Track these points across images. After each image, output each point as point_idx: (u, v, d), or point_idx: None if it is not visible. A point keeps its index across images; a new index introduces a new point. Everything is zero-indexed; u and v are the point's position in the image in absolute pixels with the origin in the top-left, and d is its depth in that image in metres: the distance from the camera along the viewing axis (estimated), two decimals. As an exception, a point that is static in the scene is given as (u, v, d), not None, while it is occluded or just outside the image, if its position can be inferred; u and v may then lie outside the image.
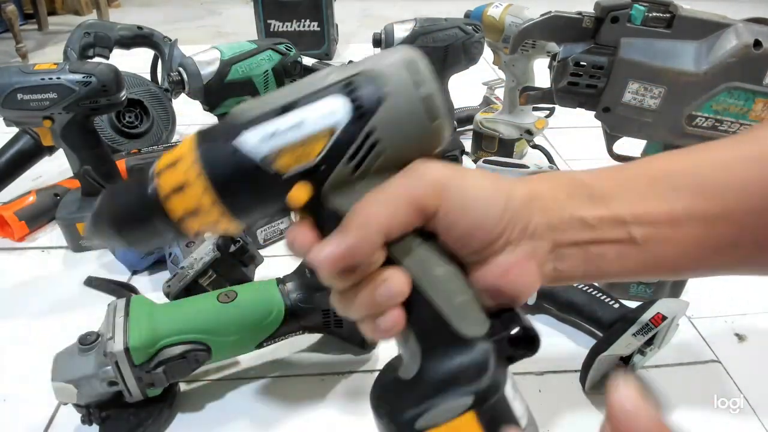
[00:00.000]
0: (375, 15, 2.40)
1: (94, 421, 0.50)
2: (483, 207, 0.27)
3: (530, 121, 0.98)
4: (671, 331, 0.59)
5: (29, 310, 0.69)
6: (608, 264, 0.30)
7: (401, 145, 0.26)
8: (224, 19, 2.37)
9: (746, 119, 0.54)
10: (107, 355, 0.47)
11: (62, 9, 2.52)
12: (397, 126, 0.25)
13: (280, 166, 0.25)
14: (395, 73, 0.25)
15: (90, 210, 0.30)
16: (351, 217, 0.26)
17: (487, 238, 0.27)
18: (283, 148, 0.25)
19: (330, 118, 0.25)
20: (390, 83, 0.25)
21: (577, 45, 0.55)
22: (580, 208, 0.29)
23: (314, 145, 0.25)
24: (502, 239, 0.28)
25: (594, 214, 0.29)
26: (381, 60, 0.26)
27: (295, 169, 0.25)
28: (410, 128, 0.26)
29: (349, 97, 0.25)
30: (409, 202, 0.26)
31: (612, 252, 0.29)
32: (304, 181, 0.26)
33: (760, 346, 0.64)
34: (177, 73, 0.71)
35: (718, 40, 0.52)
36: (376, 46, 0.83)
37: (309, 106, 0.25)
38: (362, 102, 0.25)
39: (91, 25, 1.08)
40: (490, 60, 0.99)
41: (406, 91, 0.25)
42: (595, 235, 0.29)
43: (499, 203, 0.27)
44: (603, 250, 0.29)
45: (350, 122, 0.25)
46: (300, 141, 0.25)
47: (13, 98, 0.69)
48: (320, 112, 0.25)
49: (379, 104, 0.25)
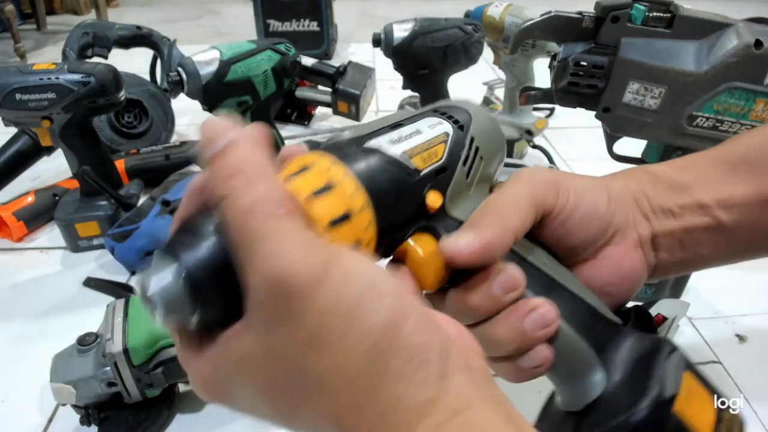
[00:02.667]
0: (374, 15, 2.40)
1: (92, 422, 0.50)
2: (593, 196, 0.29)
3: (530, 121, 0.98)
4: (672, 332, 0.59)
5: (28, 311, 0.69)
6: (704, 250, 0.31)
7: (490, 153, 0.30)
8: (223, 19, 2.37)
9: (747, 119, 0.54)
10: (106, 356, 0.47)
11: (61, 9, 2.51)
12: (487, 136, 0.29)
13: (416, 163, 0.26)
14: (467, 103, 0.31)
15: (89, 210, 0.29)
16: (483, 214, 0.26)
17: (601, 226, 0.28)
18: (413, 149, 0.26)
19: (440, 128, 0.28)
20: (470, 108, 0.30)
21: (578, 45, 0.55)
22: (664, 198, 0.30)
23: (437, 147, 0.27)
24: (612, 227, 0.29)
25: (677, 202, 0.30)
26: (445, 101, 0.31)
27: (429, 168, 0.26)
28: (494, 139, 0.30)
29: (445, 116, 0.29)
30: (533, 201, 0.27)
31: (705, 239, 0.30)
32: (433, 188, 0.27)
33: (761, 347, 0.63)
34: (176, 73, 0.71)
35: (719, 39, 0.51)
36: (375, 46, 0.83)
37: (415, 122, 0.28)
38: (458, 119, 0.29)
39: (90, 24, 1.08)
40: (490, 60, 0.99)
41: (483, 113, 0.30)
42: (683, 223, 0.30)
43: (605, 192, 0.29)
44: (695, 237, 0.30)
45: (455, 131, 0.28)
46: (425, 143, 0.27)
47: (11, 98, 0.68)
48: (430, 124, 0.28)
49: (470, 120, 0.29)
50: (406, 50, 0.80)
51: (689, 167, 0.32)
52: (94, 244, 0.79)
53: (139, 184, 0.87)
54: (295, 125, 1.23)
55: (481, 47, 0.84)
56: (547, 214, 0.28)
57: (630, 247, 0.29)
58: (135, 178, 0.91)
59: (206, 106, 0.74)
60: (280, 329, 0.18)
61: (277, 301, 0.18)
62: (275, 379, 0.19)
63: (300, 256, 0.18)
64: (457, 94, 0.91)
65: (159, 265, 0.19)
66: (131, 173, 0.93)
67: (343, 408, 0.18)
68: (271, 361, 0.19)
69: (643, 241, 0.30)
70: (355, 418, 0.18)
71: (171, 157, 0.96)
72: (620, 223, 0.29)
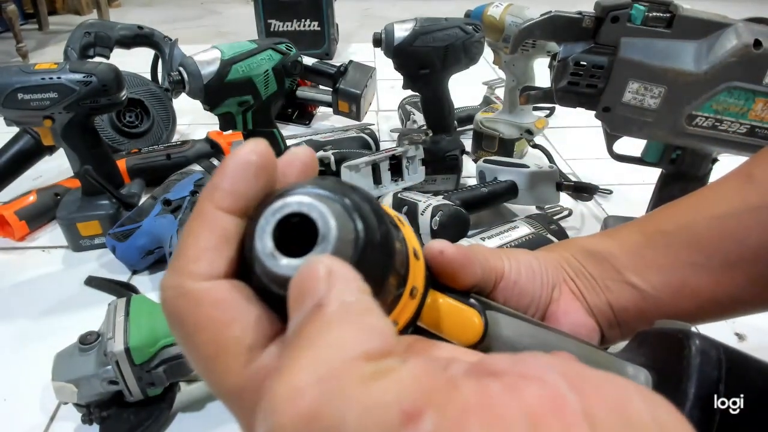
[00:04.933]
0: (375, 15, 2.40)
1: (94, 421, 0.50)
2: (526, 258, 0.33)
3: (530, 120, 0.98)
4: (671, 331, 0.59)
5: (30, 310, 0.69)
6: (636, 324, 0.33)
7: None
8: (224, 19, 2.37)
9: (746, 119, 0.54)
10: (108, 355, 0.47)
11: (62, 9, 2.52)
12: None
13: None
14: None
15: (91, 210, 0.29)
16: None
17: (541, 280, 0.32)
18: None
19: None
20: None
21: (578, 45, 0.55)
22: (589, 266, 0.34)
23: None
24: (549, 281, 0.32)
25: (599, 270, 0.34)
26: None
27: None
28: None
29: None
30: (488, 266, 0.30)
31: (633, 314, 0.33)
32: None
33: (760, 346, 0.63)
34: (177, 72, 0.71)
35: (718, 39, 0.52)
36: (376, 46, 0.83)
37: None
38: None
39: (92, 24, 1.08)
40: (491, 60, 0.99)
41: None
42: (610, 298, 0.33)
43: (533, 255, 0.33)
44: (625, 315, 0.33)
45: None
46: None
47: (13, 98, 0.69)
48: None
49: None
50: (407, 50, 0.81)
51: (609, 235, 0.36)
52: (95, 243, 0.79)
53: (140, 183, 0.87)
54: (296, 125, 1.23)
55: (482, 47, 0.84)
56: (499, 278, 0.30)
57: (569, 299, 0.33)
58: (136, 177, 0.91)
59: (207, 106, 0.74)
60: None
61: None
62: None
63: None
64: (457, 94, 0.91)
65: None
66: (132, 173, 0.93)
67: None
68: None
69: (577, 296, 0.33)
70: None
71: (172, 157, 0.96)
72: (554, 277, 0.33)
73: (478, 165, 0.88)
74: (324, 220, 0.15)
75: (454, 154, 0.89)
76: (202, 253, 0.16)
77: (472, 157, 1.03)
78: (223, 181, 0.17)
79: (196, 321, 0.16)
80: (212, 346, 0.16)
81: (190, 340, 0.16)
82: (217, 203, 0.17)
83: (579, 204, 0.90)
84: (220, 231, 0.17)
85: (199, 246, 0.16)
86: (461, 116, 1.11)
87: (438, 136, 0.90)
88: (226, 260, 0.17)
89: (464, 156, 0.93)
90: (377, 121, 1.24)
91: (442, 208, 0.72)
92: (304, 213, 0.15)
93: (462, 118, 1.12)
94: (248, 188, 0.17)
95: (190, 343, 0.16)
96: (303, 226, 0.15)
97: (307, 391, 0.12)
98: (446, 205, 0.73)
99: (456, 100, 0.91)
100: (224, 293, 0.16)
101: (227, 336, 0.16)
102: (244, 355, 0.16)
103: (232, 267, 0.17)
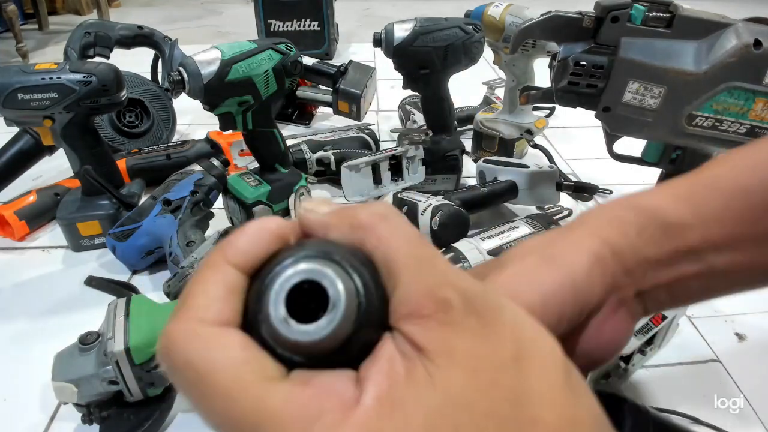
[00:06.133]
0: (375, 15, 2.40)
1: (94, 421, 0.50)
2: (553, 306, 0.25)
3: (530, 120, 0.98)
4: (671, 331, 0.59)
5: (30, 310, 0.69)
6: (695, 294, 0.28)
7: None
8: (224, 19, 2.37)
9: (746, 119, 0.54)
10: (108, 355, 0.47)
11: (63, 9, 2.52)
12: None
13: None
14: None
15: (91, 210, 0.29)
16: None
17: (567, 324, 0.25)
18: None
19: None
20: None
21: (578, 45, 0.55)
22: (654, 247, 0.27)
23: None
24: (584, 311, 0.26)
25: (668, 249, 0.27)
26: None
27: None
28: None
29: None
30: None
31: (695, 283, 0.28)
32: None
33: (760, 346, 0.64)
34: (177, 72, 0.71)
35: (718, 39, 0.52)
36: (376, 46, 0.83)
37: None
38: None
39: (92, 24, 1.09)
40: (491, 60, 0.99)
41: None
42: (675, 274, 0.27)
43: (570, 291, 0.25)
44: (686, 282, 0.28)
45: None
46: None
47: (13, 98, 0.69)
48: None
49: None
50: (407, 50, 0.81)
51: (688, 196, 0.28)
52: (95, 243, 0.79)
53: (140, 183, 0.88)
54: (296, 125, 1.23)
55: (482, 47, 0.84)
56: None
57: (608, 314, 0.27)
58: (136, 177, 0.92)
59: (207, 106, 0.74)
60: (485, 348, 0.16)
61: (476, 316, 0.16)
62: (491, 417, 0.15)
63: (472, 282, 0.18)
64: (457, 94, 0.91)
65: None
66: (132, 173, 0.93)
67: None
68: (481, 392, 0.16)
69: (627, 301, 0.28)
70: None
71: (172, 157, 0.96)
72: (593, 303, 0.26)
73: (478, 165, 0.88)
74: (334, 287, 0.16)
75: (454, 154, 0.89)
76: (214, 302, 0.17)
77: (472, 157, 1.03)
78: (239, 240, 0.18)
79: (213, 361, 0.16)
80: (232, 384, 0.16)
81: (203, 384, 0.16)
82: (229, 258, 0.18)
83: (579, 204, 0.90)
84: (228, 284, 0.17)
85: (209, 295, 0.17)
86: (461, 116, 1.11)
87: (438, 136, 0.90)
88: (234, 312, 0.17)
89: (464, 156, 0.93)
90: (377, 121, 1.24)
91: (442, 208, 0.72)
92: (315, 280, 0.16)
93: (462, 118, 1.12)
94: (261, 251, 0.18)
95: (202, 387, 0.16)
96: (309, 289, 0.16)
97: None
98: (446, 205, 0.73)
99: (456, 100, 0.91)
100: (239, 337, 0.17)
101: (248, 371, 0.16)
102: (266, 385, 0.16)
103: (238, 320, 0.17)
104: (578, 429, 0.17)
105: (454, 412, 0.15)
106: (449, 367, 0.15)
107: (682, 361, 0.61)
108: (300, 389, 0.15)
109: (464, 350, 0.16)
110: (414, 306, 0.16)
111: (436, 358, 0.15)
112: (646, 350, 0.56)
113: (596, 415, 0.18)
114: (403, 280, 0.17)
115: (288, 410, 0.15)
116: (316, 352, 0.16)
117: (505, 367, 0.16)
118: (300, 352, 0.16)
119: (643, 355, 0.57)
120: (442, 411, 0.15)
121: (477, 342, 0.16)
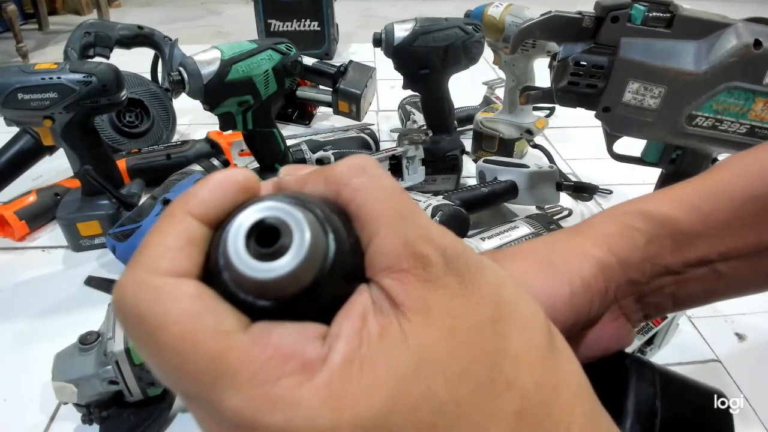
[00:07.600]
0: (375, 15, 2.40)
1: (94, 421, 0.50)
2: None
3: (530, 120, 0.98)
4: (671, 331, 0.59)
5: (30, 310, 0.69)
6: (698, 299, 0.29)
7: None
8: (224, 19, 2.37)
9: (746, 119, 0.54)
10: (108, 355, 0.47)
11: (63, 9, 2.51)
12: None
13: None
14: None
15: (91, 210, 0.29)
16: None
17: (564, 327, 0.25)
18: None
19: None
20: None
21: (578, 45, 0.55)
22: (663, 255, 0.27)
23: None
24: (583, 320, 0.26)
25: (679, 260, 0.27)
26: None
27: None
28: None
29: None
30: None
31: (699, 288, 0.28)
32: None
33: (760, 346, 0.64)
34: (177, 72, 0.71)
35: (719, 39, 0.52)
36: (376, 46, 0.83)
37: None
38: None
39: (92, 24, 1.08)
40: (490, 60, 0.99)
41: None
42: (680, 278, 0.27)
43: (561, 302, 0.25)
44: (690, 288, 0.28)
45: None
46: None
47: (13, 98, 0.69)
48: None
49: None
50: (407, 50, 0.81)
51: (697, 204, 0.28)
52: (95, 243, 0.79)
53: (140, 183, 0.87)
54: (296, 125, 1.23)
55: (482, 47, 0.84)
56: None
57: (608, 322, 0.27)
58: (136, 177, 0.91)
59: (207, 106, 0.74)
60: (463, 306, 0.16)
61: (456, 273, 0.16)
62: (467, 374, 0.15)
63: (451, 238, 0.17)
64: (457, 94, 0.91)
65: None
66: (132, 173, 0.93)
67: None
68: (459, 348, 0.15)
69: (628, 308, 0.28)
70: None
71: (172, 157, 0.96)
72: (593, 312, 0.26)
73: (478, 165, 0.88)
74: (298, 224, 0.15)
75: (454, 154, 0.89)
76: (168, 252, 0.15)
77: (472, 157, 1.03)
78: (201, 190, 0.17)
79: (164, 314, 0.14)
80: (184, 338, 0.14)
81: (154, 337, 0.14)
82: (190, 209, 0.16)
83: (579, 204, 0.90)
84: (187, 234, 0.16)
85: (165, 245, 0.16)
86: (461, 116, 1.11)
87: (438, 136, 0.90)
88: (192, 263, 0.16)
89: (464, 156, 0.93)
90: (377, 121, 1.24)
91: (442, 208, 0.72)
92: (279, 217, 0.15)
93: (462, 118, 1.12)
94: (225, 201, 0.17)
95: (154, 341, 0.15)
96: (273, 235, 0.15)
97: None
98: (446, 205, 0.73)
99: (456, 100, 0.91)
100: (193, 287, 0.15)
101: (202, 325, 0.14)
102: (221, 340, 0.14)
103: (197, 272, 0.16)
104: (558, 394, 0.16)
105: (426, 373, 0.14)
106: (425, 325, 0.15)
107: (682, 361, 0.61)
108: (260, 345, 0.14)
109: (441, 309, 0.15)
110: (393, 259, 0.15)
111: (411, 316, 0.15)
112: (646, 350, 0.56)
113: (579, 381, 0.17)
114: (381, 232, 0.16)
115: (245, 369, 0.14)
116: (281, 295, 0.15)
117: (482, 329, 0.15)
118: (263, 294, 0.15)
119: (643, 355, 0.57)
120: (414, 372, 0.14)
121: (455, 301, 0.15)
